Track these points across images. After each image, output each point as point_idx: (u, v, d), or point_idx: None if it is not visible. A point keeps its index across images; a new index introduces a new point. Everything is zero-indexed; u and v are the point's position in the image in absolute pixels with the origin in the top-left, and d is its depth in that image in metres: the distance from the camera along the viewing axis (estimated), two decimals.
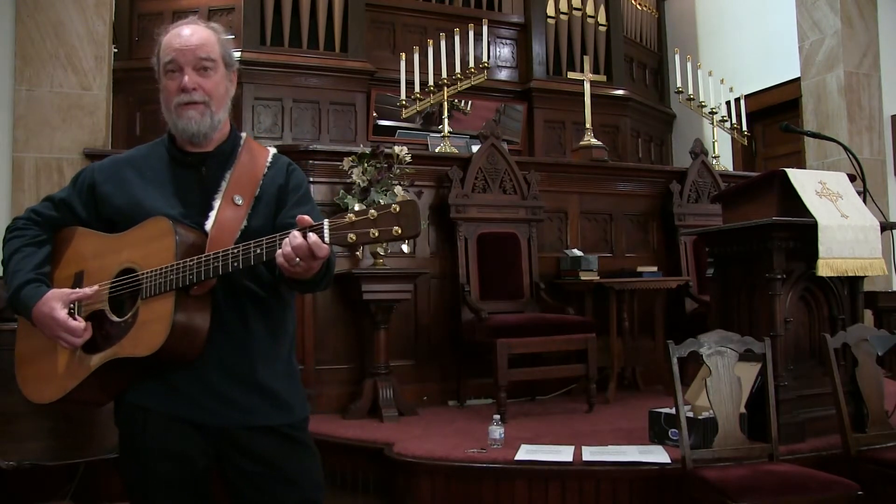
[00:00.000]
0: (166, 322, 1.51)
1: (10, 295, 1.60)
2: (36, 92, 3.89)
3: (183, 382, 1.58)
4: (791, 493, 2.32)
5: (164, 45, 1.68)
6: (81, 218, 1.70)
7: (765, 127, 6.92)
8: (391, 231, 1.41)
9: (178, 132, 1.65)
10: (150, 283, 1.54)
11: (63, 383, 1.61)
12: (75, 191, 1.71)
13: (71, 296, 1.59)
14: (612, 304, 4.24)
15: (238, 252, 1.49)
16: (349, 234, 1.42)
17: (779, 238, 2.99)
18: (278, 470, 1.64)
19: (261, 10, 5.84)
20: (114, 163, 1.71)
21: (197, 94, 1.63)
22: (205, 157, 1.68)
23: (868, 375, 2.84)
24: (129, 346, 1.55)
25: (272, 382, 1.64)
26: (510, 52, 7.04)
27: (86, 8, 4.00)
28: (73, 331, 1.56)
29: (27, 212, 1.73)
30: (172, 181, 1.66)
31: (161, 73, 1.68)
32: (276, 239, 1.46)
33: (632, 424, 3.40)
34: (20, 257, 1.65)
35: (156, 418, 1.59)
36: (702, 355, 2.63)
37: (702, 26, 7.79)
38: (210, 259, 1.50)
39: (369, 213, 1.42)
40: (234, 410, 1.60)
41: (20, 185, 3.83)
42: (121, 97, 5.48)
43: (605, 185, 4.84)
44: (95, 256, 1.65)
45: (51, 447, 2.41)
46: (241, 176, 1.66)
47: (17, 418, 2.38)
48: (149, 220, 1.59)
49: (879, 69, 5.76)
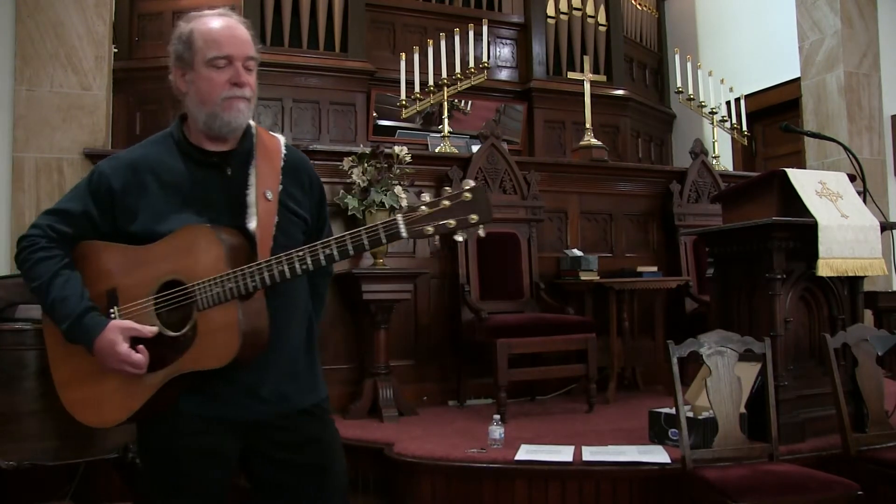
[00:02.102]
0: (234, 331, 1.48)
1: (70, 324, 1.53)
2: (36, 92, 3.89)
3: (213, 380, 1.55)
4: (791, 493, 2.32)
5: (205, 35, 1.59)
6: (99, 231, 1.61)
7: (765, 127, 6.92)
8: (468, 219, 1.40)
9: (217, 125, 1.59)
10: (207, 294, 1.50)
11: (126, 404, 1.56)
12: (92, 200, 1.60)
13: (131, 332, 1.53)
14: (612, 304, 4.24)
15: (305, 254, 1.48)
16: (426, 227, 1.42)
17: (779, 238, 2.99)
18: (311, 453, 1.66)
19: (261, 10, 5.84)
20: (129, 167, 1.61)
21: (247, 90, 1.60)
22: (228, 156, 1.63)
23: (868, 375, 2.84)
24: (195, 360, 1.51)
25: (299, 366, 1.66)
26: (510, 52, 7.04)
27: (86, 8, 3.99)
28: (136, 365, 1.52)
29: (42, 228, 1.61)
30: (194, 183, 1.60)
31: (201, 64, 1.58)
32: (363, 233, 1.46)
33: (632, 424, 3.40)
34: (62, 282, 1.56)
35: (188, 420, 1.57)
36: (702, 355, 2.63)
37: (702, 26, 7.79)
38: (273, 264, 1.49)
39: (442, 204, 1.41)
40: (265, 402, 1.60)
41: (20, 185, 3.83)
42: (121, 97, 5.48)
43: (605, 185, 4.84)
44: (126, 271, 1.58)
45: (51, 447, 2.41)
46: (264, 170, 1.63)
47: (17, 418, 2.38)
48: (185, 229, 1.53)
49: (879, 69, 5.75)
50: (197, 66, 1.58)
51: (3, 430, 2.37)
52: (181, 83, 1.62)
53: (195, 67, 1.59)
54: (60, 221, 1.61)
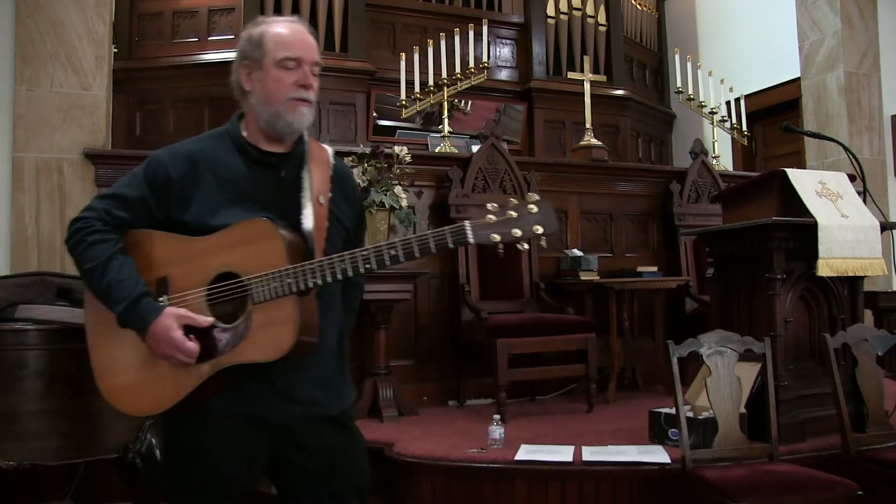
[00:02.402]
0: (292, 325, 1.50)
1: (126, 306, 1.53)
2: (36, 92, 3.89)
3: (246, 379, 1.57)
4: (791, 493, 2.32)
5: (276, 37, 1.64)
6: (153, 219, 1.62)
7: (765, 127, 6.92)
8: (533, 229, 1.45)
9: (280, 125, 1.62)
10: (264, 288, 1.51)
11: (169, 393, 1.56)
12: (149, 188, 1.61)
13: (186, 319, 1.53)
14: (612, 304, 4.24)
15: (369, 254, 1.51)
16: (493, 234, 1.45)
17: (779, 238, 2.99)
18: (333, 461, 1.66)
19: (261, 10, 5.83)
20: (187, 158, 1.63)
21: (313, 93, 1.66)
22: (283, 158, 1.66)
23: (868, 375, 2.84)
24: (248, 352, 1.52)
25: (330, 372, 1.68)
26: (510, 52, 7.04)
27: (86, 8, 3.99)
28: (188, 353, 1.52)
29: (98, 211, 1.61)
30: (249, 182, 1.63)
31: (270, 65, 1.63)
32: (447, 232, 1.49)
33: (632, 424, 3.40)
34: (118, 265, 1.56)
35: (219, 418, 1.58)
36: (702, 355, 2.63)
37: (702, 26, 7.79)
38: (335, 262, 1.51)
39: (508, 213, 1.45)
40: (297, 404, 1.61)
41: (20, 185, 3.83)
42: (121, 97, 5.48)
43: (605, 185, 4.84)
44: (178, 261, 1.59)
45: (51, 447, 2.41)
46: (315, 177, 1.66)
47: (17, 418, 2.38)
48: (245, 223, 1.55)
49: (879, 69, 5.75)
50: (266, 66, 1.63)
51: (3, 430, 2.36)
52: (246, 81, 1.66)
53: (264, 67, 1.63)
54: (117, 206, 1.61)
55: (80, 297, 2.52)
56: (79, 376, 2.44)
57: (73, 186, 3.90)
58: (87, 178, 3.93)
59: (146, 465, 2.55)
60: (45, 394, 2.39)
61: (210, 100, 5.78)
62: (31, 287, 2.56)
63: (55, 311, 2.47)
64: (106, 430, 2.49)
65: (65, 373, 2.42)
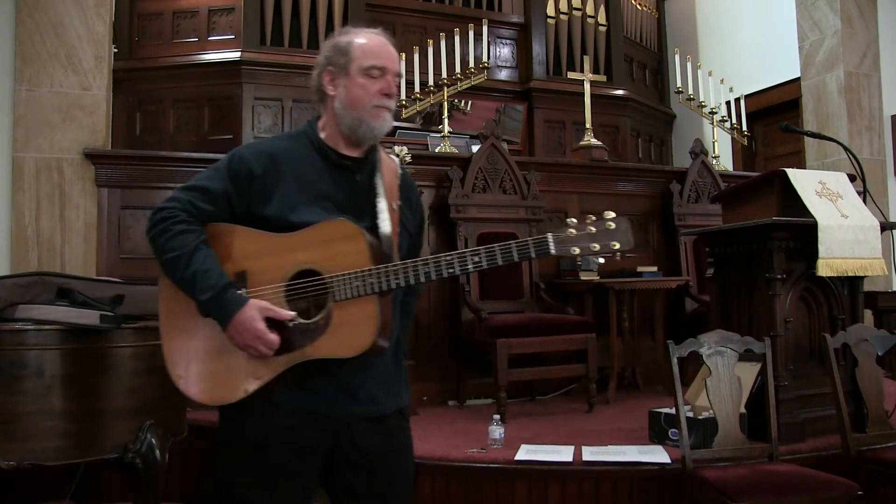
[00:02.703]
0: (372, 324, 1.55)
1: (212, 296, 1.56)
2: (36, 92, 3.89)
3: (314, 376, 1.60)
4: (791, 493, 2.32)
5: (363, 46, 1.70)
6: (234, 213, 1.65)
7: (765, 127, 6.92)
8: (610, 245, 1.53)
9: (361, 130, 1.67)
10: (346, 286, 1.56)
11: (243, 384, 1.59)
12: (232, 182, 1.65)
13: (268, 312, 1.56)
14: (612, 304, 4.24)
15: (452, 259, 1.56)
16: (573, 247, 1.53)
17: (779, 238, 2.99)
18: (385, 462, 1.70)
19: (261, 10, 5.84)
20: (269, 155, 1.67)
21: (393, 102, 1.71)
22: (360, 163, 1.71)
23: (868, 375, 2.84)
24: (326, 348, 1.56)
25: (389, 372, 1.72)
26: (510, 52, 7.04)
27: (86, 8, 3.99)
28: (270, 344, 1.55)
29: (183, 202, 1.64)
30: (326, 183, 1.67)
31: (356, 72, 1.68)
32: (496, 249, 1.56)
33: (632, 424, 3.40)
34: (203, 255, 1.59)
35: (283, 413, 1.60)
36: (702, 355, 2.63)
37: (702, 26, 7.79)
38: (419, 265, 1.56)
39: (588, 229, 1.53)
40: (359, 403, 1.65)
41: (20, 185, 3.83)
42: (121, 97, 5.48)
43: (605, 185, 4.84)
44: (259, 256, 1.62)
45: (51, 447, 2.41)
46: (387, 183, 1.73)
47: (17, 418, 2.38)
48: (329, 223, 1.59)
49: (879, 69, 5.75)
50: (352, 73, 1.68)
51: (3, 430, 2.36)
52: (329, 87, 1.71)
53: (350, 74, 1.68)
54: (202, 199, 1.64)
55: (80, 297, 2.54)
56: (79, 376, 2.45)
57: (73, 186, 3.90)
58: (87, 178, 3.93)
59: (146, 465, 2.55)
60: (44, 394, 2.39)
61: (210, 100, 5.78)
62: (31, 287, 2.56)
63: (55, 311, 2.47)
64: (106, 430, 2.49)
65: (65, 373, 2.42)
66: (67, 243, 3.86)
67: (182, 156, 4.34)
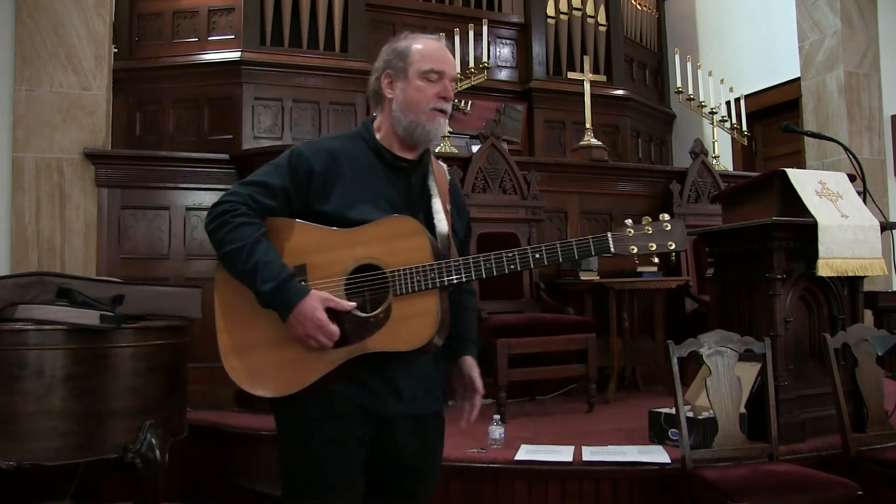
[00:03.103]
0: (433, 318, 1.58)
1: (274, 286, 1.58)
2: (36, 92, 3.89)
3: (365, 373, 1.64)
4: (791, 493, 2.32)
5: (422, 51, 1.73)
6: (292, 208, 1.68)
7: (765, 127, 6.92)
8: (666, 245, 1.60)
9: (417, 133, 1.71)
10: (408, 281, 1.59)
11: (299, 377, 1.62)
12: (291, 178, 1.68)
13: (329, 302, 1.59)
14: (612, 304, 4.24)
15: (514, 256, 1.60)
16: (631, 246, 1.59)
17: (779, 238, 2.99)
18: (419, 461, 1.76)
19: (261, 10, 5.83)
20: (328, 153, 1.70)
21: (449, 105, 1.74)
22: (414, 166, 1.76)
23: (868, 375, 2.84)
24: (385, 341, 1.59)
25: (431, 372, 1.76)
26: (510, 52, 7.04)
27: (86, 8, 3.99)
28: (330, 334, 1.58)
29: (243, 196, 1.66)
30: (382, 182, 1.71)
31: (414, 75, 1.71)
32: (590, 241, 1.61)
33: (632, 424, 3.40)
34: (265, 247, 1.61)
35: (336, 401, 1.64)
36: (702, 355, 2.63)
37: (702, 26, 7.79)
38: (481, 261, 1.60)
39: (645, 229, 1.60)
40: (402, 401, 1.69)
41: (20, 185, 3.83)
42: (121, 97, 5.47)
43: (605, 185, 4.84)
44: (319, 251, 1.65)
45: (51, 447, 2.41)
46: (440, 186, 1.78)
47: (17, 418, 2.38)
48: (392, 219, 1.63)
49: (879, 69, 5.75)
50: (411, 76, 1.72)
51: (3, 430, 2.37)
52: (388, 89, 1.75)
53: (408, 77, 1.72)
54: (262, 194, 1.66)
55: (80, 297, 2.54)
56: (79, 376, 2.45)
57: (73, 186, 3.90)
58: (87, 178, 3.93)
59: (146, 465, 2.55)
60: (44, 394, 2.39)
61: (210, 100, 5.77)
62: (31, 287, 2.56)
63: (55, 311, 2.47)
64: (106, 430, 2.50)
65: (65, 373, 2.43)
66: (67, 243, 3.86)
67: (182, 156, 4.34)
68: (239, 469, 3.48)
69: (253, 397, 1.67)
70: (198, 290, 2.96)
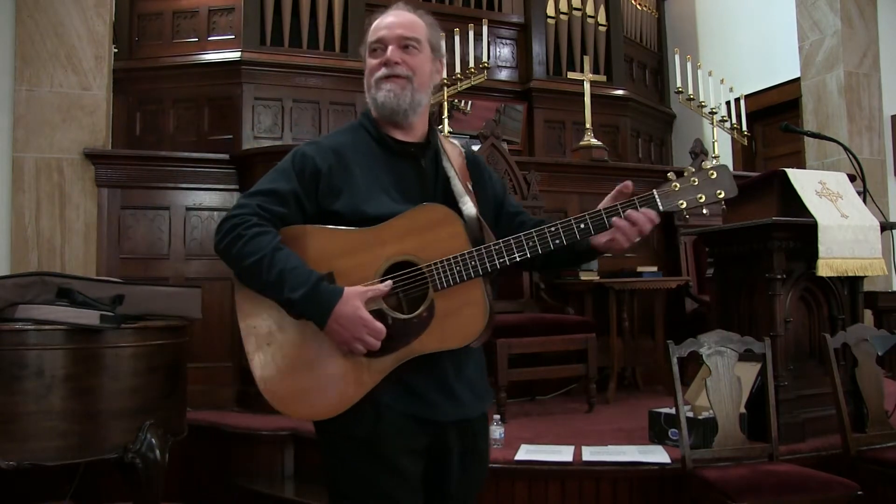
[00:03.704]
0: (481, 308, 1.48)
1: (306, 291, 1.44)
2: (36, 92, 3.89)
3: (414, 379, 1.53)
4: (791, 493, 2.32)
5: (371, 28, 1.66)
6: (306, 213, 1.55)
7: (765, 127, 6.92)
8: (715, 193, 1.51)
9: (378, 108, 1.61)
10: (447, 273, 1.47)
11: (347, 393, 1.48)
12: (298, 181, 1.55)
13: (367, 294, 1.46)
14: (612, 304, 4.24)
15: (558, 229, 1.50)
16: (680, 201, 1.51)
17: (779, 238, 2.99)
18: (468, 463, 1.66)
19: (261, 10, 5.83)
20: (332, 150, 1.59)
21: (400, 68, 1.60)
22: (422, 148, 1.65)
23: (868, 375, 2.84)
24: (435, 341, 1.47)
25: (478, 375, 1.68)
26: (510, 52, 7.04)
27: (86, 8, 4.00)
28: (377, 333, 1.45)
29: (252, 207, 1.53)
30: (392, 172, 1.60)
31: (366, 56, 1.65)
32: (603, 213, 1.52)
33: (632, 424, 3.40)
34: (286, 254, 1.47)
35: (386, 414, 1.51)
36: (702, 355, 2.63)
37: (702, 26, 7.79)
38: (522, 239, 1.49)
39: (691, 180, 1.51)
40: (453, 405, 1.58)
41: (20, 185, 3.83)
42: (121, 97, 5.48)
43: (605, 185, 4.76)
44: (345, 255, 1.51)
45: (51, 447, 2.41)
46: (457, 166, 1.65)
47: (17, 418, 2.38)
48: (418, 209, 1.51)
49: (879, 69, 5.75)
50: (366, 58, 1.66)
51: (3, 430, 2.37)
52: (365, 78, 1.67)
53: (366, 59, 1.65)
54: (271, 201, 1.53)
55: (80, 297, 2.54)
56: (79, 376, 2.45)
57: (73, 186, 3.90)
58: (87, 178, 3.93)
59: (146, 465, 2.55)
60: (44, 394, 2.39)
61: (210, 100, 5.77)
62: (31, 287, 2.56)
63: (55, 311, 2.47)
64: (106, 430, 2.49)
65: (65, 373, 2.43)
66: (67, 243, 3.86)
67: (182, 156, 4.34)
68: (239, 469, 3.48)
69: (253, 397, 1.64)
70: (198, 290, 2.96)
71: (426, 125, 1.68)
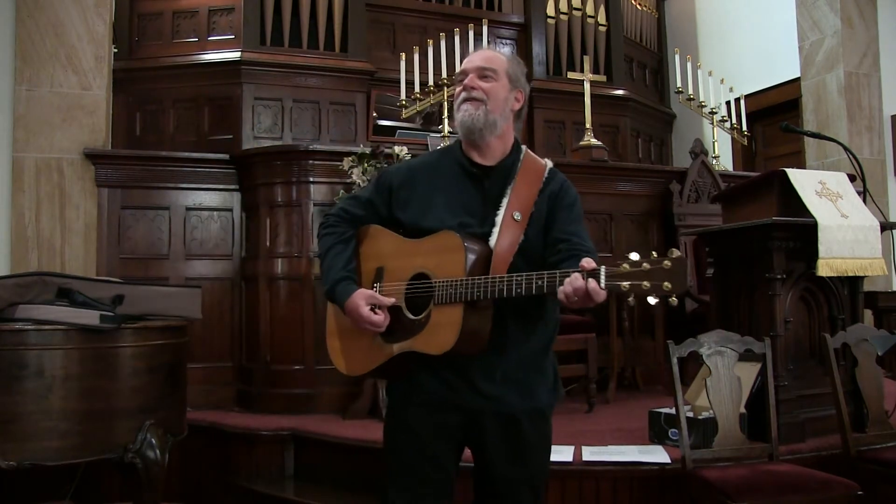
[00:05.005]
0: (455, 329, 1.71)
1: (329, 286, 1.88)
2: (36, 92, 3.89)
3: (447, 372, 1.80)
4: (791, 493, 2.32)
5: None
6: (382, 216, 1.94)
7: (765, 127, 6.91)
8: (662, 286, 1.52)
9: (459, 127, 1.86)
10: (442, 292, 1.75)
11: (365, 363, 1.89)
12: (377, 192, 1.94)
13: (372, 299, 1.83)
14: (612, 304, 4.24)
15: (521, 281, 1.66)
16: (623, 283, 1.54)
17: (779, 238, 2.99)
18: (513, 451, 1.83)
19: (261, 10, 5.83)
20: (409, 168, 1.95)
21: (476, 91, 1.84)
22: (489, 171, 1.86)
23: (868, 375, 2.84)
24: (422, 344, 1.78)
25: (523, 373, 1.84)
26: (510, 53, 7.03)
27: (86, 8, 4.00)
28: (375, 324, 1.82)
29: (338, 209, 1.97)
30: (459, 189, 1.86)
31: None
32: (557, 276, 1.62)
33: (632, 424, 3.40)
34: (334, 254, 1.91)
35: (419, 393, 1.84)
36: (702, 355, 2.63)
37: (702, 26, 7.79)
38: (496, 282, 1.68)
39: (642, 266, 1.54)
40: (480, 396, 1.80)
41: (20, 185, 3.83)
42: (121, 97, 5.47)
43: (605, 185, 4.83)
44: (394, 256, 1.88)
45: (51, 447, 2.41)
46: (520, 192, 1.84)
47: (17, 418, 2.38)
48: (442, 233, 1.79)
49: (879, 69, 5.75)
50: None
51: (3, 430, 2.37)
52: None
53: None
54: (353, 205, 1.97)
55: (80, 297, 2.54)
56: (79, 376, 2.45)
57: (73, 186, 3.90)
58: (87, 178, 3.93)
59: (146, 465, 2.55)
60: (44, 394, 2.40)
61: (210, 100, 5.77)
62: (31, 287, 2.56)
63: (55, 311, 2.47)
64: (106, 430, 2.50)
65: (64, 373, 2.43)
66: (67, 243, 3.86)
67: (182, 156, 4.34)
68: (239, 469, 3.48)
69: (253, 397, 1.71)
70: (198, 289, 2.96)
71: (507, 149, 1.89)
